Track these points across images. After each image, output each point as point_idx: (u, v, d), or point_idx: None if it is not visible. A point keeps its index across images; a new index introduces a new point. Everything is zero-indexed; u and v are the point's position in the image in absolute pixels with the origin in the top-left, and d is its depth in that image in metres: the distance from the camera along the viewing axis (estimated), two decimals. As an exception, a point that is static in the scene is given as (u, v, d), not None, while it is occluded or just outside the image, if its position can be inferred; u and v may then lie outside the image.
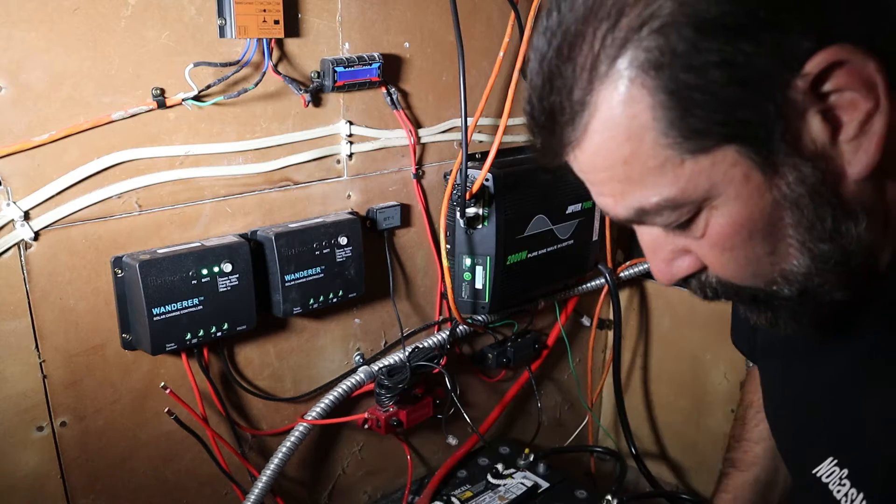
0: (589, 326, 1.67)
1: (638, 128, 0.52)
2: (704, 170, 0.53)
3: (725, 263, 0.58)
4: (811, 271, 0.56)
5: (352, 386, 1.21)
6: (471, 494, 1.32)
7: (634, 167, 0.54)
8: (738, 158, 0.52)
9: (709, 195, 0.54)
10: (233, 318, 1.04)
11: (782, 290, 0.58)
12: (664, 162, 0.53)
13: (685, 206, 0.55)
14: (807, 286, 0.57)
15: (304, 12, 1.08)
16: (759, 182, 0.53)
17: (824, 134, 0.52)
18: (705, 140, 0.51)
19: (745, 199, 0.54)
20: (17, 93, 0.87)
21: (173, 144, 1.00)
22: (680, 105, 0.50)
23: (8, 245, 0.90)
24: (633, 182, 0.55)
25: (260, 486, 1.13)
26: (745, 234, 0.55)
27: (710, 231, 0.56)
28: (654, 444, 1.79)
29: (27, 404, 0.95)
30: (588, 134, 0.54)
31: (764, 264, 0.57)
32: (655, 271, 0.63)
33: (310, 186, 1.16)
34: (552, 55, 0.54)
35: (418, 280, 1.35)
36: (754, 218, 0.54)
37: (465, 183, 1.22)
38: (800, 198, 0.53)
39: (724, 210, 0.54)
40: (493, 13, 1.32)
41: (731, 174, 0.53)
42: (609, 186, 0.57)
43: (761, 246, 0.56)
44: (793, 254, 0.56)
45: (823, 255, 0.55)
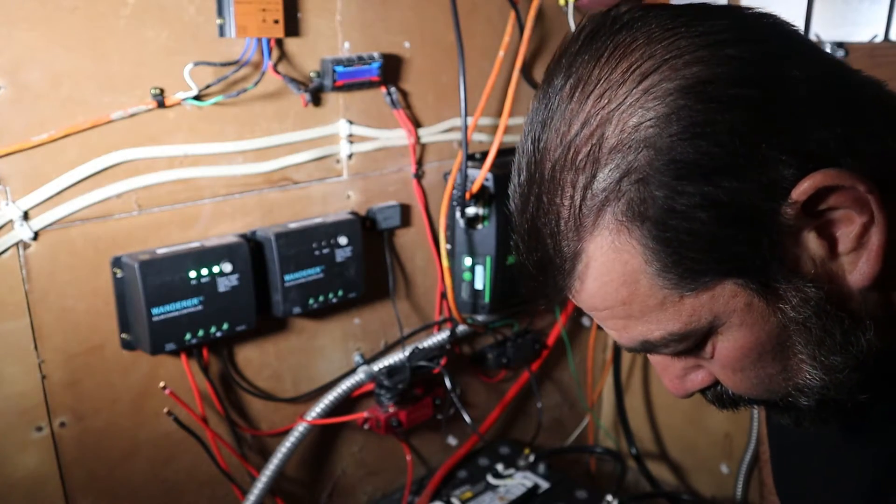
0: (589, 326, 1.67)
1: (632, 272, 0.52)
2: (705, 304, 0.52)
3: (738, 383, 0.58)
4: (826, 383, 0.55)
5: (351, 386, 1.21)
6: (471, 495, 1.32)
7: (634, 307, 0.54)
8: (737, 290, 0.52)
9: (713, 325, 0.54)
10: (232, 318, 1.03)
11: (799, 401, 0.57)
12: (663, 300, 0.53)
13: (690, 338, 0.54)
14: (824, 395, 0.56)
15: (304, 12, 1.08)
16: (762, 309, 0.52)
17: (822, 250, 0.51)
18: (702, 277, 0.51)
19: (751, 326, 0.53)
20: (17, 92, 0.87)
21: (173, 144, 1.00)
22: (670, 249, 0.50)
23: (7, 245, 0.89)
24: (634, 319, 0.54)
25: (259, 486, 1.13)
26: (754, 357, 0.55)
27: (719, 354, 0.56)
28: (655, 444, 1.78)
29: (26, 405, 0.95)
30: (583, 282, 0.54)
31: (777, 381, 0.57)
32: (669, 387, 0.62)
33: (309, 186, 1.15)
34: (532, 210, 0.54)
35: (418, 280, 1.34)
36: (762, 341, 0.54)
37: (465, 183, 1.21)
38: (806, 319, 0.52)
39: (729, 336, 0.54)
40: (493, 13, 1.32)
41: (732, 304, 0.52)
42: (611, 322, 0.56)
43: (772, 365, 0.55)
44: (805, 369, 0.55)
45: (836, 366, 0.54)
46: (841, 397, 0.56)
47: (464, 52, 1.19)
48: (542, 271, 0.55)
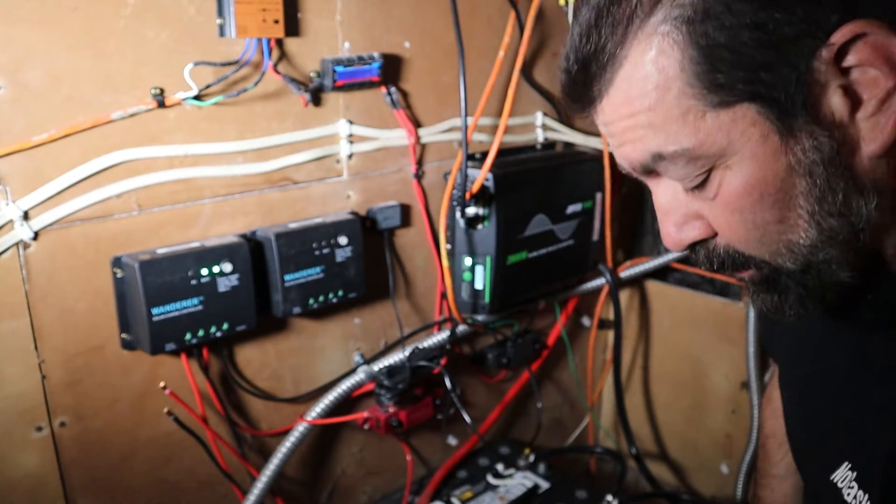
0: (589, 326, 1.67)
1: (665, 79, 0.55)
2: (724, 125, 0.54)
3: (734, 226, 0.59)
4: (817, 245, 0.57)
5: (352, 386, 1.21)
6: (471, 495, 1.32)
7: (658, 114, 0.56)
8: (757, 118, 0.54)
9: (725, 152, 0.55)
10: (232, 318, 1.03)
11: (786, 263, 0.59)
12: (686, 112, 0.55)
13: (701, 160, 0.56)
14: (811, 261, 0.58)
15: (304, 12, 1.08)
16: (775, 144, 0.54)
17: (843, 108, 0.53)
18: (728, 95, 0.53)
19: (761, 161, 0.55)
20: (17, 92, 0.87)
21: (173, 144, 1.00)
22: (708, 61, 0.53)
23: (7, 245, 0.89)
24: (654, 128, 0.56)
25: (259, 486, 1.13)
26: (756, 196, 0.56)
27: (723, 191, 0.57)
28: (655, 444, 1.78)
29: (26, 405, 0.95)
30: (616, 83, 0.57)
31: (771, 232, 0.58)
32: (665, 235, 0.63)
33: (309, 186, 1.15)
34: (590, 10, 0.57)
35: (418, 280, 1.34)
36: (767, 180, 0.56)
37: (465, 183, 1.21)
38: (814, 165, 0.54)
39: (738, 170, 0.56)
40: (493, 13, 1.32)
41: (749, 133, 0.54)
42: (631, 133, 0.58)
43: (770, 212, 0.57)
44: (801, 225, 0.57)
45: (832, 229, 0.56)
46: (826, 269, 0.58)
47: (464, 52, 1.19)
48: (583, 71, 0.58)
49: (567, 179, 1.41)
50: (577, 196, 1.43)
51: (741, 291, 1.59)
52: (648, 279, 1.71)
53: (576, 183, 1.43)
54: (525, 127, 1.44)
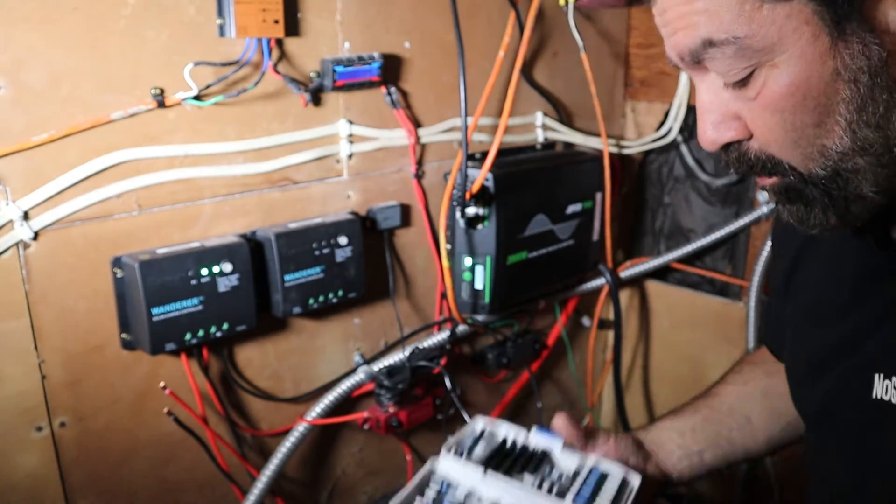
0: (589, 326, 1.67)
1: None
2: (778, 19, 0.55)
3: (773, 126, 0.60)
4: (848, 153, 0.58)
5: (352, 386, 1.21)
6: (471, 495, 1.32)
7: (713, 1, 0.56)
8: (811, 17, 0.54)
9: (774, 48, 0.56)
10: (233, 318, 1.03)
11: (815, 169, 0.60)
12: (744, 1, 0.55)
13: (749, 52, 0.57)
14: (839, 168, 0.59)
15: (304, 12, 1.08)
16: (825, 46, 0.55)
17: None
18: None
19: (809, 61, 0.55)
20: (17, 92, 0.87)
21: (173, 144, 1.00)
22: None
23: (7, 245, 0.89)
24: (710, 14, 0.57)
25: (260, 486, 1.13)
26: (798, 97, 0.57)
27: (766, 90, 0.58)
28: (655, 444, 1.78)
29: (26, 405, 0.95)
30: None
31: (808, 135, 0.59)
32: (701, 133, 0.64)
33: (309, 186, 1.15)
34: None
35: (418, 280, 1.34)
36: (812, 82, 0.56)
37: (465, 183, 1.21)
38: (859, 72, 0.55)
39: (784, 69, 0.56)
40: (493, 13, 1.32)
41: (801, 31, 0.55)
42: (686, 19, 0.58)
43: (810, 115, 0.58)
44: (837, 132, 0.57)
45: (866, 139, 0.57)
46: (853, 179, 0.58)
47: (464, 52, 1.19)
48: None
49: (567, 179, 1.41)
50: (577, 196, 1.43)
51: (741, 291, 1.59)
52: (648, 279, 1.71)
53: (576, 183, 1.43)
54: (525, 127, 1.44)
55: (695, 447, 0.94)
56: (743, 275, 1.59)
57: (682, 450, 0.94)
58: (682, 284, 1.69)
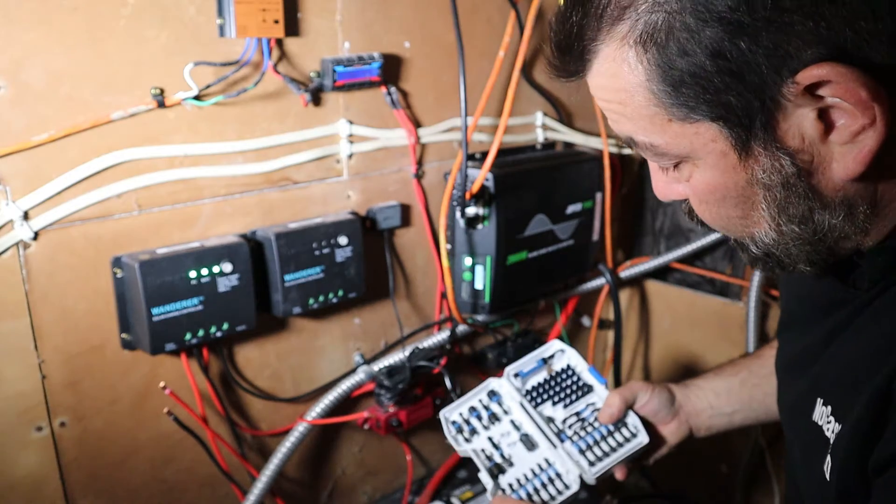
0: (589, 326, 1.67)
1: (633, 84, 0.56)
2: (687, 135, 0.57)
3: (702, 212, 0.64)
4: (776, 242, 0.60)
5: (352, 386, 1.21)
6: (471, 495, 1.32)
7: (628, 110, 0.59)
8: (718, 136, 0.56)
9: (690, 156, 0.58)
10: (232, 318, 1.03)
11: (749, 247, 0.63)
12: (653, 116, 0.57)
13: (668, 156, 0.60)
14: (771, 252, 0.62)
15: (304, 12, 1.08)
16: (734, 161, 0.57)
17: (816, 131, 0.54)
18: (691, 112, 0.55)
19: (721, 171, 0.58)
20: (17, 92, 0.87)
21: (173, 144, 1.00)
22: (670, 82, 0.54)
23: (7, 245, 0.89)
24: (627, 119, 0.60)
25: (259, 486, 1.13)
26: (718, 196, 0.60)
27: (692, 181, 0.61)
28: (654, 444, 1.78)
29: (26, 405, 0.95)
30: (592, 72, 0.59)
31: (735, 224, 0.62)
32: (654, 189, 0.68)
33: (310, 186, 1.15)
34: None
35: (418, 280, 1.34)
36: (728, 187, 0.59)
37: (465, 183, 1.21)
38: (772, 186, 0.57)
39: (702, 171, 0.59)
40: (493, 13, 1.32)
41: (710, 147, 0.57)
42: (609, 113, 0.62)
43: (734, 210, 0.61)
44: (763, 225, 0.60)
45: (792, 233, 0.59)
46: (787, 260, 0.62)
47: (464, 52, 1.19)
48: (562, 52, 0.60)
49: (567, 179, 1.41)
50: (577, 196, 1.43)
51: (741, 291, 1.59)
52: (648, 279, 1.71)
53: (576, 183, 1.43)
54: (525, 127, 1.44)
55: (727, 408, 1.04)
56: (743, 275, 1.59)
57: (714, 409, 1.04)
58: (682, 284, 1.69)
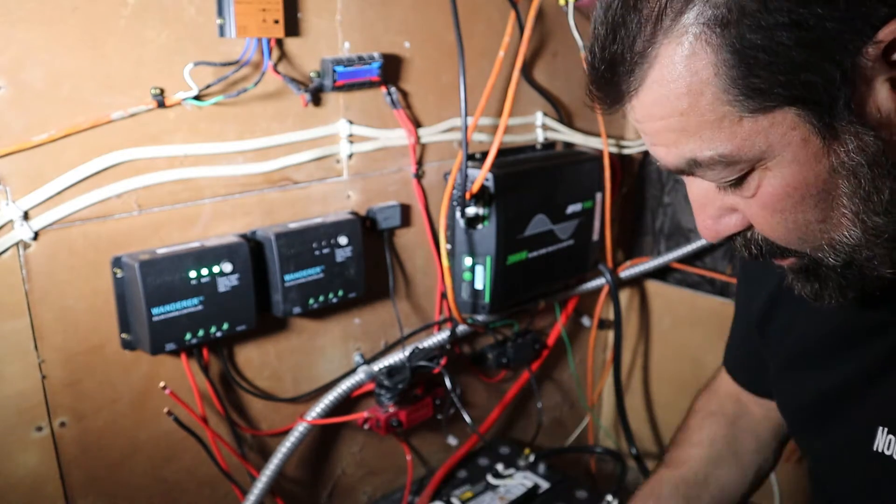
0: (589, 326, 1.67)
1: (698, 83, 0.51)
2: (763, 129, 0.52)
3: (774, 226, 0.57)
4: (861, 243, 0.55)
5: (352, 386, 1.21)
6: (471, 495, 1.32)
7: (691, 120, 0.53)
8: (797, 121, 0.51)
9: (764, 155, 0.53)
10: (233, 318, 1.03)
11: (827, 259, 0.57)
12: (722, 117, 0.52)
13: (739, 164, 0.54)
14: (854, 258, 0.56)
15: (304, 12, 1.08)
16: (817, 147, 0.52)
17: (892, 103, 0.51)
18: (766, 100, 0.51)
19: (802, 163, 0.53)
20: (17, 92, 0.87)
21: (173, 144, 1.00)
22: (744, 64, 0.50)
23: (7, 245, 0.89)
24: (688, 134, 0.54)
25: (259, 486, 1.13)
26: (797, 198, 0.54)
27: (762, 191, 0.55)
28: (655, 444, 1.78)
29: (26, 404, 0.95)
30: (647, 85, 0.54)
31: (813, 231, 0.56)
32: (701, 228, 0.62)
33: (310, 186, 1.15)
34: (618, 5, 0.54)
35: (418, 280, 1.34)
36: (809, 182, 0.53)
37: (465, 183, 1.21)
38: (858, 167, 0.52)
39: (778, 172, 0.54)
40: (493, 13, 1.32)
41: (789, 137, 0.52)
42: (664, 136, 0.56)
43: (813, 212, 0.55)
44: (845, 224, 0.55)
45: (877, 228, 0.54)
46: (869, 265, 0.56)
47: (464, 52, 1.19)
48: (610, 69, 0.55)
49: (567, 179, 1.41)
50: (577, 196, 1.43)
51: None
52: (648, 279, 1.71)
53: (576, 183, 1.43)
54: (525, 127, 1.44)
55: None
56: (743, 275, 1.59)
57: None
58: (682, 284, 1.69)
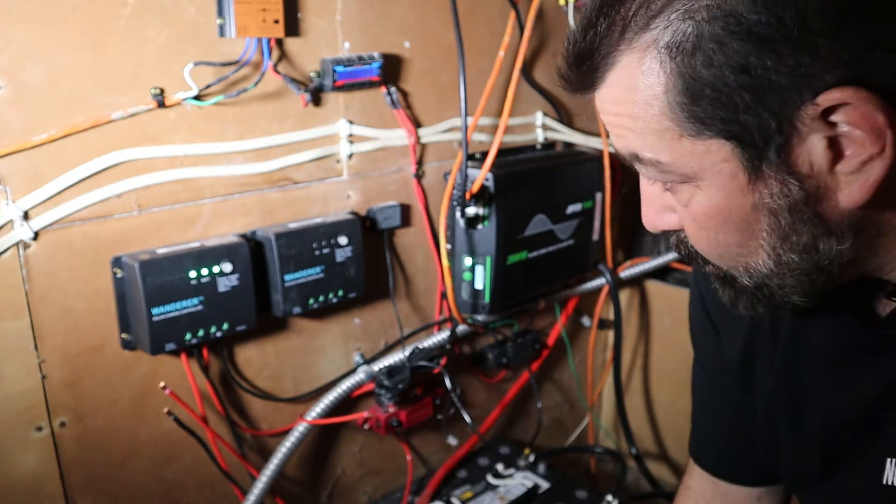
0: (589, 326, 1.67)
1: (650, 96, 0.55)
2: (698, 153, 0.56)
3: (698, 238, 0.62)
4: (773, 272, 0.59)
5: (352, 386, 1.21)
6: (471, 495, 1.32)
7: (639, 123, 0.57)
8: (730, 156, 0.55)
9: (696, 176, 0.57)
10: (233, 318, 1.03)
11: (742, 279, 0.62)
12: (665, 130, 0.56)
13: (672, 174, 0.58)
14: (765, 283, 0.61)
15: (304, 12, 1.08)
16: (743, 183, 0.56)
17: (824, 159, 0.53)
18: (705, 129, 0.54)
19: (728, 193, 0.57)
20: (17, 92, 0.87)
21: (173, 144, 1.00)
22: (690, 93, 0.53)
23: (7, 245, 0.89)
24: (635, 133, 0.58)
25: (259, 486, 1.13)
26: (719, 220, 0.59)
27: (691, 205, 0.60)
28: (655, 444, 1.78)
29: (26, 404, 0.95)
30: (607, 83, 0.58)
31: (732, 253, 0.61)
32: (643, 217, 0.67)
33: (310, 186, 1.15)
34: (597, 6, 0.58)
35: (418, 280, 1.34)
36: (731, 211, 0.57)
37: (465, 183, 1.21)
38: (779, 209, 0.55)
39: (706, 193, 0.58)
40: (493, 13, 1.32)
41: (720, 167, 0.56)
42: (616, 129, 0.61)
43: (732, 237, 0.59)
44: (761, 254, 0.59)
45: (791, 263, 0.58)
46: (779, 292, 0.61)
47: (464, 52, 1.19)
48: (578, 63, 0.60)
49: (567, 179, 1.41)
50: (577, 196, 1.43)
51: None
52: (648, 279, 1.71)
53: (576, 183, 1.43)
54: (525, 127, 1.44)
55: None
56: (743, 275, 1.59)
57: None
58: (682, 284, 1.69)
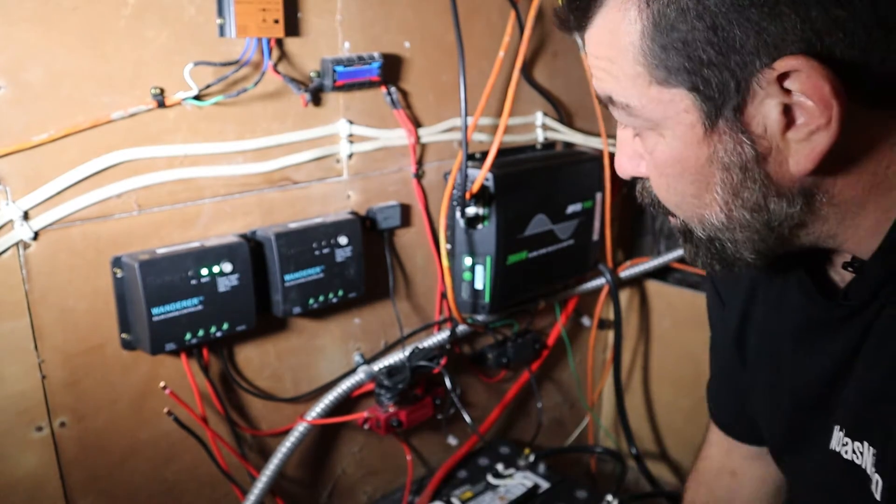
0: (589, 326, 1.67)
1: (626, 43, 0.59)
2: (664, 101, 0.59)
3: (658, 186, 0.66)
4: (725, 227, 0.62)
5: (352, 386, 1.21)
6: (471, 495, 1.32)
7: (615, 67, 0.61)
8: (691, 107, 0.58)
9: (660, 123, 0.60)
10: (232, 318, 1.03)
11: (696, 230, 0.65)
12: (636, 76, 0.59)
13: (639, 119, 0.62)
14: (717, 237, 0.64)
15: (304, 11, 1.08)
16: (700, 135, 0.59)
17: (777, 124, 0.56)
18: (671, 77, 0.57)
19: (686, 143, 0.60)
20: (17, 92, 0.87)
21: (173, 144, 1.00)
22: (661, 42, 0.56)
23: (7, 245, 0.89)
24: (611, 76, 0.62)
25: (259, 486, 1.13)
26: (678, 169, 0.62)
27: (655, 153, 0.63)
28: (655, 444, 1.78)
29: (26, 404, 0.95)
30: (593, 25, 0.62)
31: (688, 203, 0.64)
32: (616, 162, 0.71)
33: (309, 186, 1.15)
34: None
35: (418, 280, 1.34)
36: (689, 161, 0.61)
37: (465, 183, 1.21)
38: (731, 165, 0.59)
39: (668, 142, 0.61)
40: (493, 13, 1.32)
41: (681, 116, 0.59)
42: (597, 70, 0.64)
43: (689, 188, 0.62)
44: (714, 207, 0.62)
45: (742, 220, 0.61)
46: (731, 247, 0.64)
47: (464, 52, 1.19)
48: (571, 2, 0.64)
49: (567, 179, 1.41)
50: (577, 196, 1.43)
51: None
52: (648, 279, 1.71)
53: (576, 183, 1.43)
54: (525, 127, 1.44)
55: None
56: (743, 275, 1.59)
57: None
58: (682, 284, 1.69)
